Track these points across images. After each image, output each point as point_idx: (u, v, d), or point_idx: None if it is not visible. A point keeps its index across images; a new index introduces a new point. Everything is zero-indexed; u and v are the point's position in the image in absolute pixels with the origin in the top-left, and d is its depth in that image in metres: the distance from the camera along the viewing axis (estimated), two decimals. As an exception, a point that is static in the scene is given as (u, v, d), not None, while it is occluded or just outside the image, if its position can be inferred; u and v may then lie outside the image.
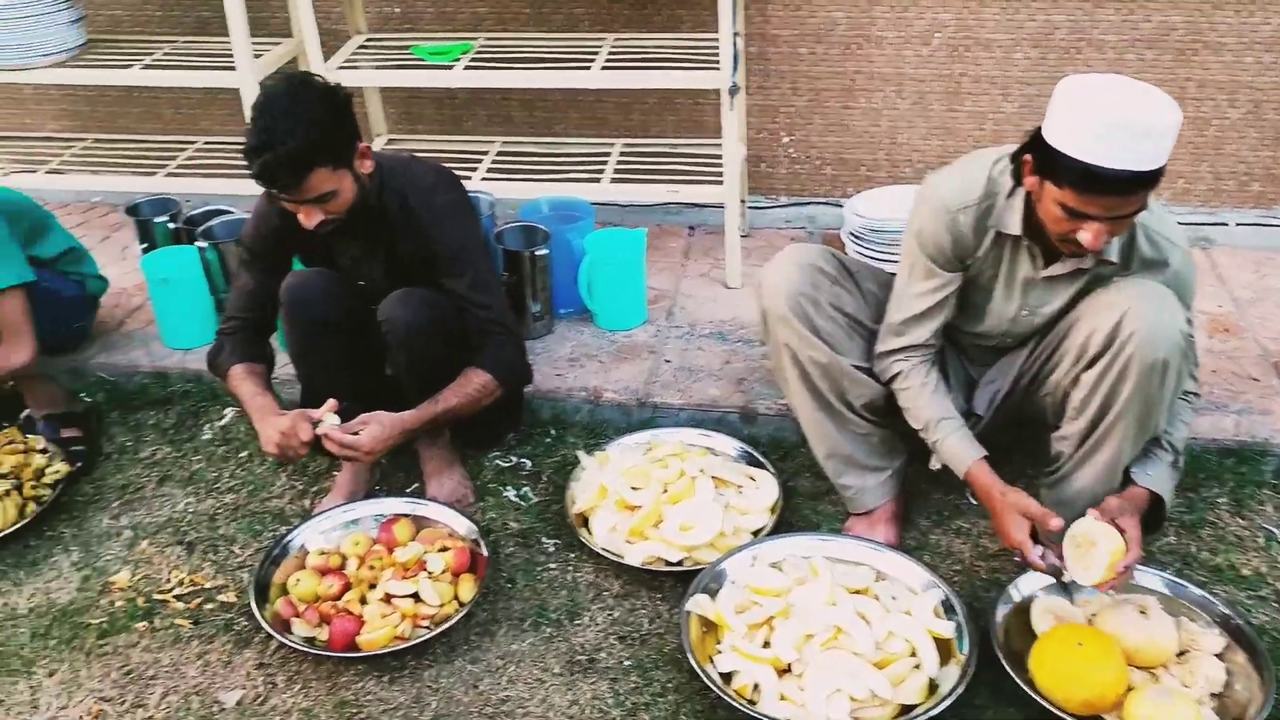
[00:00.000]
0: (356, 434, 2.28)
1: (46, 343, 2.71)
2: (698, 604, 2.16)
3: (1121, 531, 2.01)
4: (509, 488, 2.65)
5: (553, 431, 2.79)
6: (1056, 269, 2.14)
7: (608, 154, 3.36)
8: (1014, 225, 2.09)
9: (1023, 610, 2.14)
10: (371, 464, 2.65)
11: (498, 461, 2.72)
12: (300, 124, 2.09)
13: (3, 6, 3.09)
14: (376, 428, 2.29)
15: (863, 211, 3.19)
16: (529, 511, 2.58)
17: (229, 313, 2.50)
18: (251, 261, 2.45)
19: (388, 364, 2.55)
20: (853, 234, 3.22)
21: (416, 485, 2.65)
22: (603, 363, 2.91)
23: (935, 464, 2.35)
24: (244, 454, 2.79)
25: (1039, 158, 1.95)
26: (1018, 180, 2.05)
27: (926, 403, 2.24)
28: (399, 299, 2.36)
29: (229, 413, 2.91)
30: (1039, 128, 1.96)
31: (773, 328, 2.31)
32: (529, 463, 2.72)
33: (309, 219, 2.22)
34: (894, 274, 2.34)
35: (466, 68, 3.09)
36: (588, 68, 3.03)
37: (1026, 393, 2.32)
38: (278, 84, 2.17)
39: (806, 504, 2.55)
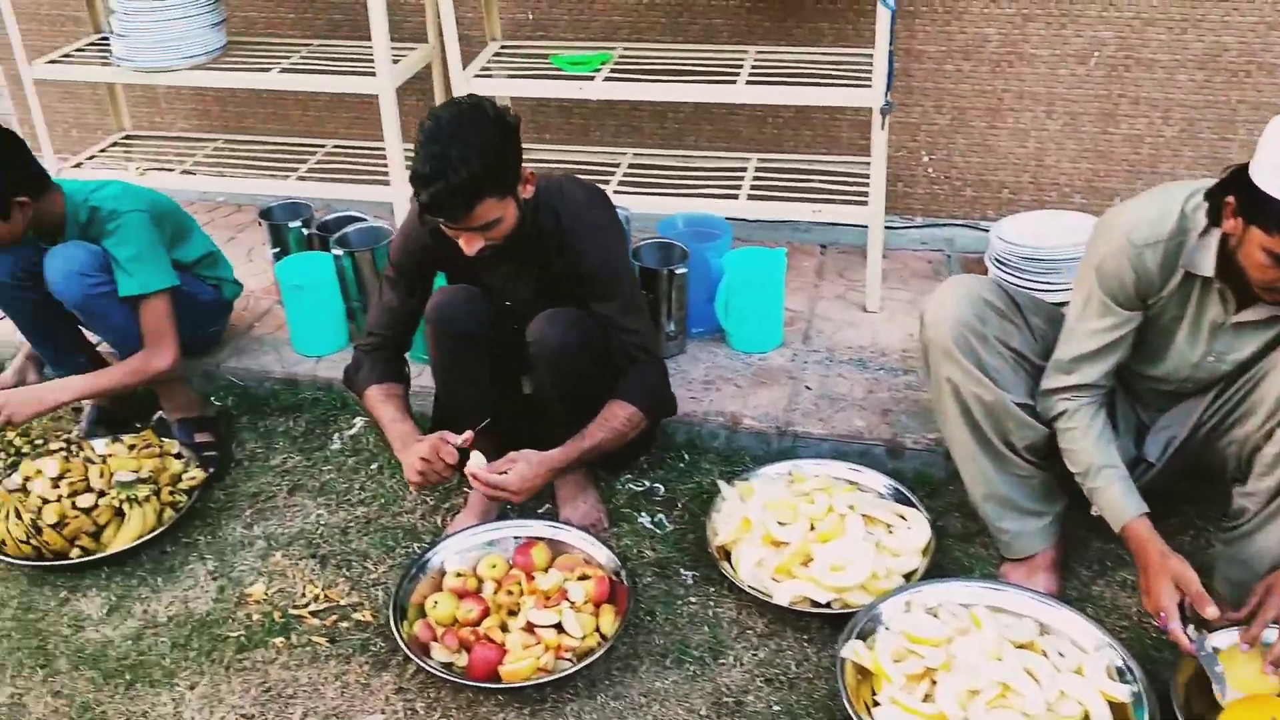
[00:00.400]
0: (504, 473, 2.22)
1: (184, 347, 2.71)
2: (854, 651, 2.06)
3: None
4: (643, 514, 2.58)
5: (686, 456, 2.71)
6: (1250, 315, 2.01)
7: (743, 169, 3.27)
8: (1206, 266, 1.96)
9: (1203, 674, 2.01)
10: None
11: (630, 485, 2.66)
12: (473, 152, 2.02)
13: (153, 9, 3.10)
14: (524, 467, 2.23)
15: (1009, 237, 3.06)
16: (665, 540, 2.50)
17: (369, 328, 2.47)
18: (397, 279, 2.42)
19: (530, 384, 2.50)
20: (997, 259, 3.10)
21: (548, 506, 2.60)
22: (739, 387, 2.82)
23: (1097, 509, 2.23)
24: (374, 466, 2.76)
25: (1244, 200, 1.82)
26: (1214, 220, 1.92)
27: (1090, 447, 2.11)
28: (548, 319, 2.31)
29: (359, 422, 2.88)
30: (1242, 166, 1.83)
31: (935, 361, 2.20)
32: (662, 488, 2.65)
33: (470, 246, 2.16)
34: (1062, 306, 2.23)
35: (607, 79, 3.02)
36: (733, 81, 2.94)
37: (1206, 442, 2.19)
38: (447, 109, 2.11)
39: (957, 546, 2.44)
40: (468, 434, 2.28)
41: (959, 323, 2.14)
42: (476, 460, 2.24)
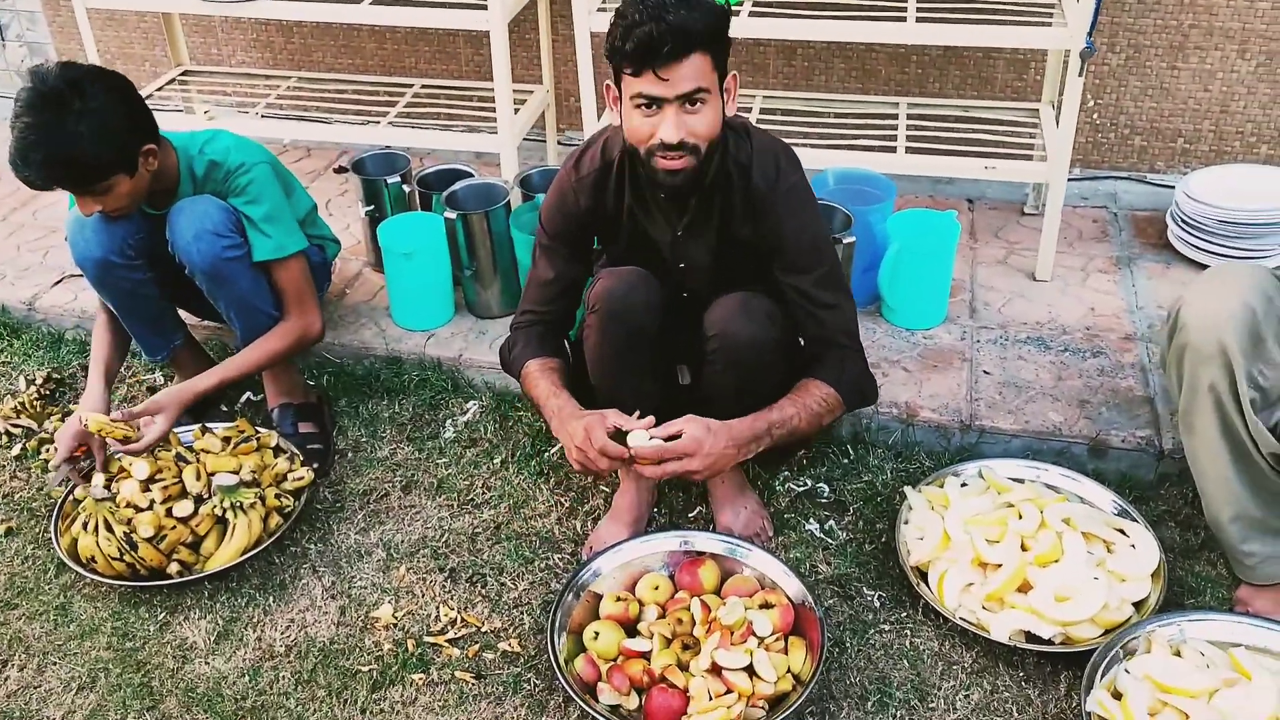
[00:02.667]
0: (676, 433, 1.88)
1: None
2: (1099, 703, 1.77)
3: None
4: (810, 519, 2.27)
5: (851, 451, 2.40)
6: None
7: (891, 115, 2.90)
8: None
9: None
10: (653, 484, 2.30)
11: (790, 485, 2.35)
12: (693, 7, 1.75)
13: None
14: (700, 431, 1.86)
15: (1201, 195, 2.71)
16: (840, 552, 2.20)
17: (523, 306, 2.15)
18: (552, 247, 2.08)
19: (691, 374, 2.18)
20: (1184, 219, 2.74)
21: (700, 509, 2.30)
22: (908, 371, 2.49)
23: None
24: (496, 460, 2.44)
25: None
26: None
27: None
28: (735, 309, 1.96)
29: (472, 407, 2.57)
30: None
31: (1194, 367, 1.87)
32: (826, 487, 2.34)
33: (675, 127, 1.78)
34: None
35: (753, 13, 2.62)
36: (902, 18, 2.56)
37: None
38: None
39: (1180, 563, 2.14)
40: (649, 419, 1.90)
41: (1237, 325, 1.80)
42: (638, 438, 1.87)
